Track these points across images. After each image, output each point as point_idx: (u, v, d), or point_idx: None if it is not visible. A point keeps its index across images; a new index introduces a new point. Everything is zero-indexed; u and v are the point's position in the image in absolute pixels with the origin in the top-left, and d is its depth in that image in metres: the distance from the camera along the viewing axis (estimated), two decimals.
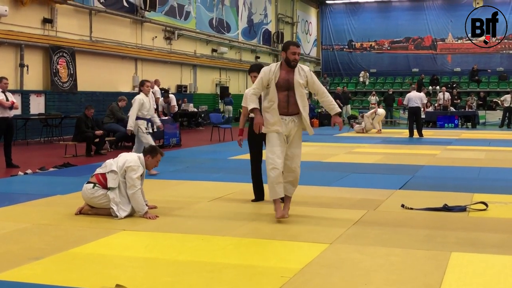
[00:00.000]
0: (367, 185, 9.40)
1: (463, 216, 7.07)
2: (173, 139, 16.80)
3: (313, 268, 4.92)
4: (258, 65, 7.81)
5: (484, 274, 4.80)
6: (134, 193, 6.83)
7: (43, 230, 6.28)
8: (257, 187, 8.02)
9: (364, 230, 6.31)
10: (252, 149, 7.99)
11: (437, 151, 15.19)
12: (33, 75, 18.71)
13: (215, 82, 30.91)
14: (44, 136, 18.04)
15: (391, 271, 4.85)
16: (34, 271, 4.83)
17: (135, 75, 23.49)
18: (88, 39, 21.02)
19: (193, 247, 5.62)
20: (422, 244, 5.70)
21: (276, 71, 6.70)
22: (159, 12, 24.94)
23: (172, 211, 7.31)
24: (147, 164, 7.15)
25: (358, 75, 38.97)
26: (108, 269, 4.90)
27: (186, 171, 11.37)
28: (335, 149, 15.59)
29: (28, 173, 10.97)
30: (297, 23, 40.86)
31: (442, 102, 28.92)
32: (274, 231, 6.39)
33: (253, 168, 8.03)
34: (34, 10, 18.71)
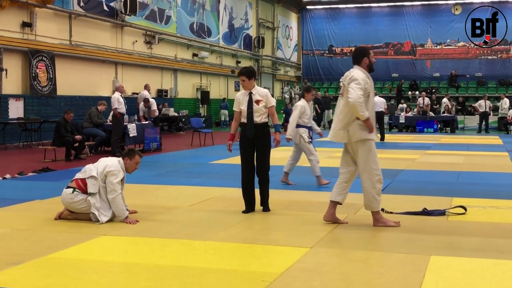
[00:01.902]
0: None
1: (442, 220, 7.13)
2: (154, 144, 16.75)
3: (294, 272, 4.93)
4: (248, 68, 7.71)
5: (463, 277, 4.84)
6: (114, 197, 6.80)
7: (22, 235, 6.23)
8: (248, 197, 7.59)
9: (344, 234, 6.35)
10: (243, 156, 7.59)
11: (416, 156, 15.31)
12: (12, 79, 18.54)
13: (196, 86, 30.87)
14: (23, 140, 17.88)
15: (371, 275, 4.88)
16: (13, 276, 4.79)
17: (115, 79, 23.38)
18: (67, 43, 20.89)
19: (174, 252, 5.61)
20: (401, 248, 5.74)
21: (368, 78, 6.62)
22: (140, 16, 24.87)
23: (152, 215, 7.28)
24: (127, 167, 7.11)
25: (338, 80, 39.12)
26: (88, 274, 4.87)
27: (166, 176, 11.34)
28: None
29: (6, 178, 10.86)
30: (278, 28, 40.98)
31: (422, 107, 29.14)
32: (254, 236, 6.40)
33: (244, 176, 7.59)
34: (13, 13, 18.56)
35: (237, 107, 7.61)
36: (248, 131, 7.45)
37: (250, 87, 7.53)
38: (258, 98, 7.48)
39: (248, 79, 7.50)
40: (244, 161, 7.60)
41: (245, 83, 7.52)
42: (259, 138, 7.46)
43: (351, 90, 6.42)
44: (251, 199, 7.60)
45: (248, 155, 7.56)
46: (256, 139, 7.46)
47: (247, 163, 7.57)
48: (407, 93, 35.34)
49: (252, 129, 7.43)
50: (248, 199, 7.60)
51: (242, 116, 7.54)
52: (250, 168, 7.57)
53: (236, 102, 7.64)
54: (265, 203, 7.59)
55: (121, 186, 6.95)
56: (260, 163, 7.54)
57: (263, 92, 7.62)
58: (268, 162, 7.61)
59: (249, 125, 7.44)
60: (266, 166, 7.57)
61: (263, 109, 7.48)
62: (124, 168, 7.05)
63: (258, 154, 7.54)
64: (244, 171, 7.60)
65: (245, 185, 7.60)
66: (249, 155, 7.56)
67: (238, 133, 7.84)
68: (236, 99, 7.69)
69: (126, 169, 7.10)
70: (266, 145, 7.54)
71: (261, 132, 7.48)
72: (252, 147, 7.53)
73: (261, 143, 7.50)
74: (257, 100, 7.47)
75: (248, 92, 7.52)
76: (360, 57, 6.74)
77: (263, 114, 7.49)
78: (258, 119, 7.45)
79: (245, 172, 7.59)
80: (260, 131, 7.46)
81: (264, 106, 7.49)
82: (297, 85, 39.65)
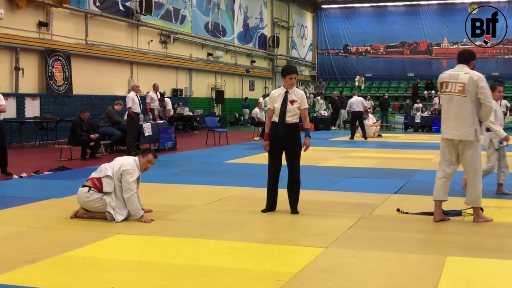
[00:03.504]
0: (362, 190, 9.40)
1: (459, 221, 7.08)
2: (169, 143, 16.78)
3: (308, 272, 4.91)
4: (296, 67, 7.75)
5: (479, 278, 4.80)
6: (130, 196, 6.82)
7: (37, 234, 6.26)
8: (271, 196, 7.56)
9: (359, 234, 6.32)
10: (271, 154, 7.52)
11: (432, 156, 15.20)
12: (29, 79, 18.67)
13: (211, 86, 30.91)
14: (39, 139, 17.99)
15: (386, 276, 4.85)
16: (28, 274, 4.82)
17: (131, 78, 23.47)
18: (83, 43, 20.99)
19: (188, 251, 5.61)
20: (417, 249, 5.71)
21: None
22: (155, 16, 24.93)
23: (167, 215, 7.29)
24: (140, 165, 7.11)
25: (353, 80, 39.04)
26: (103, 273, 4.89)
27: (181, 175, 11.36)
28: (330, 153, 15.60)
29: (23, 176, 10.94)
30: (292, 28, 40.91)
31: (438, 107, 28.97)
32: (269, 235, 6.39)
33: (270, 174, 7.53)
34: (29, 13, 18.69)
35: (271, 105, 7.56)
36: (279, 129, 7.38)
37: (293, 86, 7.54)
38: (294, 98, 7.41)
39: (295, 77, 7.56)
40: (272, 159, 7.53)
41: (294, 81, 7.52)
42: (289, 138, 7.39)
43: (486, 93, 6.71)
44: (274, 198, 7.57)
45: (276, 154, 7.49)
46: (286, 139, 7.39)
47: (274, 162, 7.51)
48: (423, 92, 35.15)
49: (282, 128, 7.36)
50: (271, 197, 7.56)
51: (274, 114, 7.47)
52: (277, 167, 7.52)
53: (271, 100, 7.59)
54: (294, 206, 7.50)
55: (136, 185, 6.97)
56: (292, 166, 7.47)
57: (300, 93, 7.56)
58: (299, 165, 7.54)
59: (280, 123, 7.38)
60: (298, 170, 7.51)
61: (296, 110, 7.42)
62: (139, 167, 7.07)
63: (288, 157, 7.47)
64: (271, 170, 7.54)
65: (271, 183, 7.54)
66: (277, 153, 7.49)
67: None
68: (271, 96, 7.66)
69: (140, 167, 7.11)
70: (296, 147, 7.46)
71: (291, 132, 7.39)
72: (281, 147, 7.45)
73: (291, 144, 7.42)
74: (292, 100, 7.40)
75: (285, 91, 7.47)
76: (471, 58, 7.03)
77: (296, 115, 7.43)
78: (290, 119, 7.37)
79: (272, 170, 7.53)
80: (290, 131, 7.39)
81: (298, 107, 7.43)
82: (312, 85, 39.58)
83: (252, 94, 34.72)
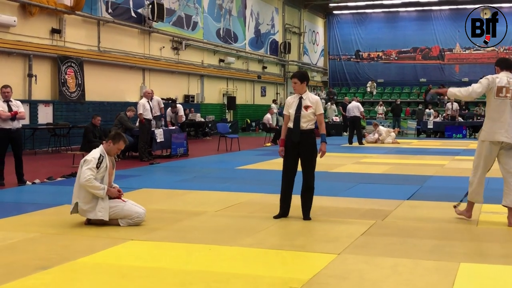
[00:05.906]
0: (375, 195, 9.37)
1: (472, 227, 7.04)
2: (181, 149, 16.81)
3: (321, 278, 4.90)
4: (301, 72, 7.75)
5: (493, 285, 4.77)
6: (86, 180, 6.75)
7: (51, 240, 6.29)
8: (285, 202, 7.51)
9: (372, 241, 6.29)
10: (286, 160, 7.47)
11: (445, 161, 15.15)
12: (41, 85, 18.80)
13: (222, 92, 30.97)
14: (52, 145, 18.09)
15: (399, 282, 4.82)
16: (42, 280, 4.84)
17: (143, 85, 23.56)
18: (96, 49, 21.12)
19: (200, 257, 5.61)
20: (430, 255, 5.67)
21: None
22: (167, 22, 25.04)
23: (179, 220, 7.30)
24: (109, 150, 7.05)
25: (365, 85, 38.99)
26: (116, 279, 4.90)
27: (193, 181, 11.37)
28: (343, 159, 15.57)
29: (36, 182, 11.00)
30: (304, 33, 40.94)
31: (450, 112, 28.85)
32: (281, 241, 6.38)
33: (284, 180, 7.48)
34: (42, 20, 18.83)
35: (286, 111, 7.54)
36: (294, 135, 7.36)
37: (302, 91, 7.46)
38: (308, 104, 7.37)
39: (300, 82, 7.44)
40: (287, 165, 7.49)
41: (296, 85, 7.46)
42: (304, 144, 7.35)
43: None
44: (287, 204, 7.54)
45: (292, 160, 7.44)
46: (301, 145, 7.36)
47: (289, 168, 7.47)
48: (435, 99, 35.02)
49: (297, 134, 7.34)
50: (284, 204, 7.53)
51: (290, 120, 7.46)
52: (292, 173, 7.48)
53: (286, 106, 7.59)
54: (307, 212, 7.46)
55: (97, 172, 6.83)
56: (307, 173, 7.44)
57: (314, 98, 7.52)
58: (314, 171, 7.51)
59: (295, 129, 7.35)
60: (313, 176, 7.47)
61: (311, 115, 7.38)
62: (105, 152, 7.00)
63: (303, 163, 7.44)
64: (285, 176, 7.50)
65: (285, 189, 7.50)
66: (292, 159, 7.44)
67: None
68: (286, 102, 7.65)
69: (108, 152, 7.06)
70: (311, 153, 7.42)
71: (307, 138, 7.36)
72: (297, 153, 7.41)
73: (306, 150, 7.38)
74: (307, 105, 7.37)
75: (299, 97, 7.45)
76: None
77: (311, 120, 7.39)
78: (304, 124, 7.35)
79: (286, 176, 7.50)
80: (306, 137, 7.36)
81: (313, 113, 7.38)
82: (324, 90, 39.55)
83: (264, 100, 34.75)
